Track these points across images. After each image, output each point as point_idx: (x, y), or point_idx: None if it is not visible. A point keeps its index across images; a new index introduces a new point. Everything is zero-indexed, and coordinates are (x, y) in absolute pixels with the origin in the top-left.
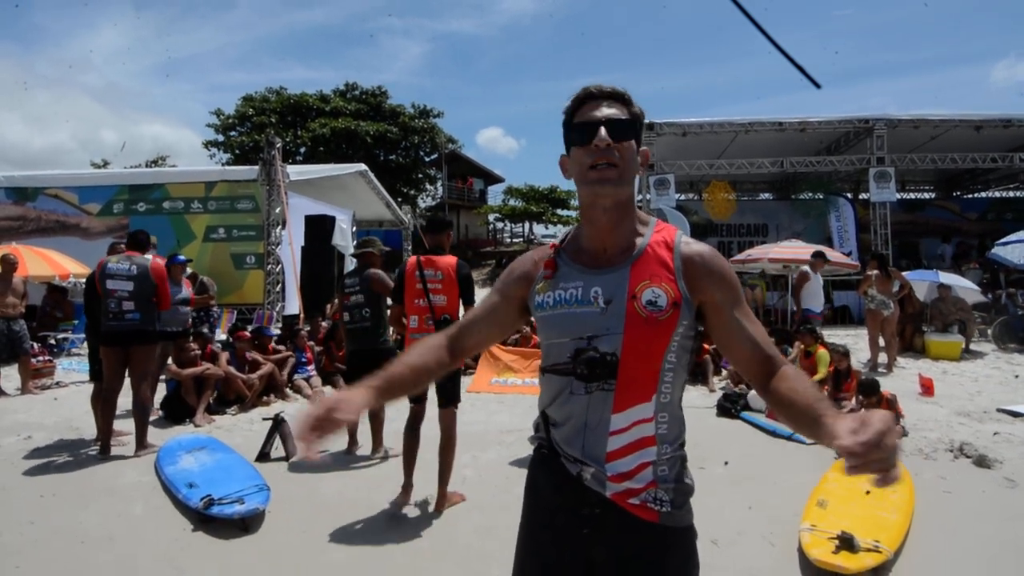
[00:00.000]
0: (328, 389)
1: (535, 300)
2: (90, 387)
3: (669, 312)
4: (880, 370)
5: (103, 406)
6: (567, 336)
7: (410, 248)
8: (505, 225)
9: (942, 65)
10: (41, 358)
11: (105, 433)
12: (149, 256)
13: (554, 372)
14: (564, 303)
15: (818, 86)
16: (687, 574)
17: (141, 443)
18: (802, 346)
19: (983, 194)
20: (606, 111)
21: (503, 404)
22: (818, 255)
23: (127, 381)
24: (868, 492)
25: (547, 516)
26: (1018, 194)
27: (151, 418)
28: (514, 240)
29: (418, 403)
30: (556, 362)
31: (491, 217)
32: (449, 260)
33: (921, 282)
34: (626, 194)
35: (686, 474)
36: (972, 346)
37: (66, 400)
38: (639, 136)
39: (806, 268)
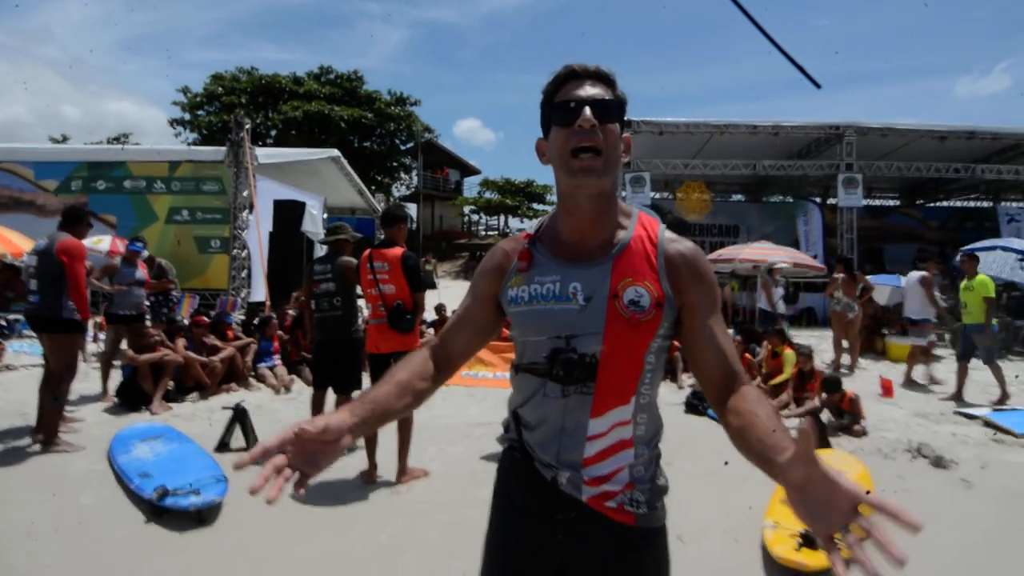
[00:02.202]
0: (294, 378)
1: (508, 294)
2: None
3: (652, 313)
4: (843, 371)
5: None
6: (543, 334)
7: (383, 237)
8: (480, 217)
9: (909, 76)
10: None
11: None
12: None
13: (529, 371)
14: (540, 299)
15: (818, 86)
16: (662, 574)
17: (48, 437)
18: (770, 347)
19: (945, 203)
20: (591, 91)
21: (473, 397)
22: (930, 259)
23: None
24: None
25: (518, 522)
26: (978, 204)
27: (105, 405)
28: (489, 233)
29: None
30: (531, 361)
31: (466, 209)
32: (395, 252)
33: (884, 286)
34: (610, 183)
35: (660, 473)
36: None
37: (15, 384)
38: (623, 121)
39: (926, 273)
